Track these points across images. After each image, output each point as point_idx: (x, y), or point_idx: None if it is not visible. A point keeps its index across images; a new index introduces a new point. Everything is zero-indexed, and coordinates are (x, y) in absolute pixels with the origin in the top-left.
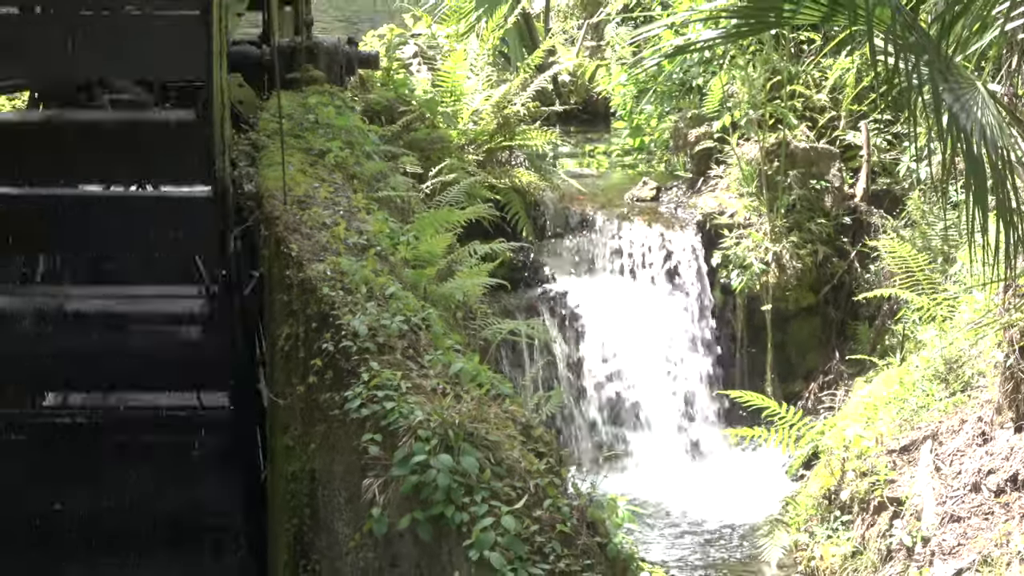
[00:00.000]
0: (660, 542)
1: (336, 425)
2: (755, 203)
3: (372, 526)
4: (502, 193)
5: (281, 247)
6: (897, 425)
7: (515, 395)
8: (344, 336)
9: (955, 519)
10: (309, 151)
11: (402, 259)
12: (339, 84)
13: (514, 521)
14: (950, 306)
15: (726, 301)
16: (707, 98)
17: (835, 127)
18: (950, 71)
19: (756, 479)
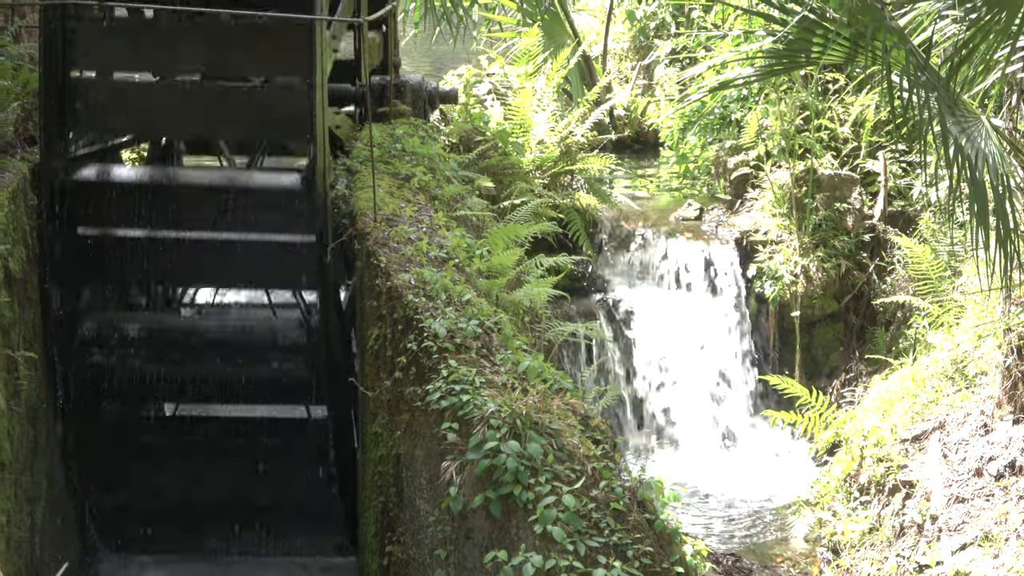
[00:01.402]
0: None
1: (419, 415)
2: (786, 222)
3: (449, 503)
4: (564, 212)
5: (372, 259)
6: (909, 417)
7: (575, 389)
8: (426, 337)
9: (960, 500)
10: (396, 175)
11: (477, 270)
12: (423, 117)
13: (573, 500)
14: (956, 313)
15: (760, 308)
16: (744, 130)
17: (856, 156)
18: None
19: (785, 465)
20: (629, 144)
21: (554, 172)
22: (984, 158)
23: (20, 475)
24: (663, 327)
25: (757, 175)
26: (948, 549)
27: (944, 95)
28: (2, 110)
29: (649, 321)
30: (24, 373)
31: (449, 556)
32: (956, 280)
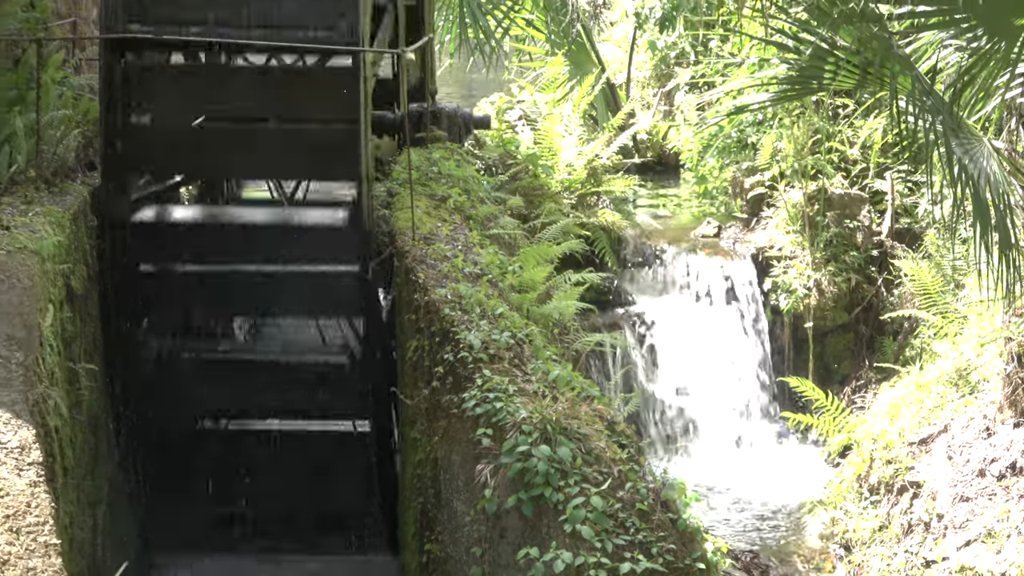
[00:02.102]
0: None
1: (455, 421)
2: (799, 239)
3: (484, 504)
4: (591, 230)
5: (410, 275)
6: (916, 421)
7: (601, 396)
8: (462, 348)
9: (964, 499)
10: (433, 197)
11: (509, 285)
12: (458, 142)
13: (601, 500)
14: (960, 324)
15: (775, 319)
16: (759, 153)
17: (865, 176)
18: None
19: (799, 467)
20: (651, 166)
21: (581, 193)
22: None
23: (82, 480)
24: (684, 337)
25: (772, 194)
26: (953, 545)
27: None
28: (64, 137)
29: (671, 332)
30: (85, 384)
31: (484, 554)
32: (959, 293)
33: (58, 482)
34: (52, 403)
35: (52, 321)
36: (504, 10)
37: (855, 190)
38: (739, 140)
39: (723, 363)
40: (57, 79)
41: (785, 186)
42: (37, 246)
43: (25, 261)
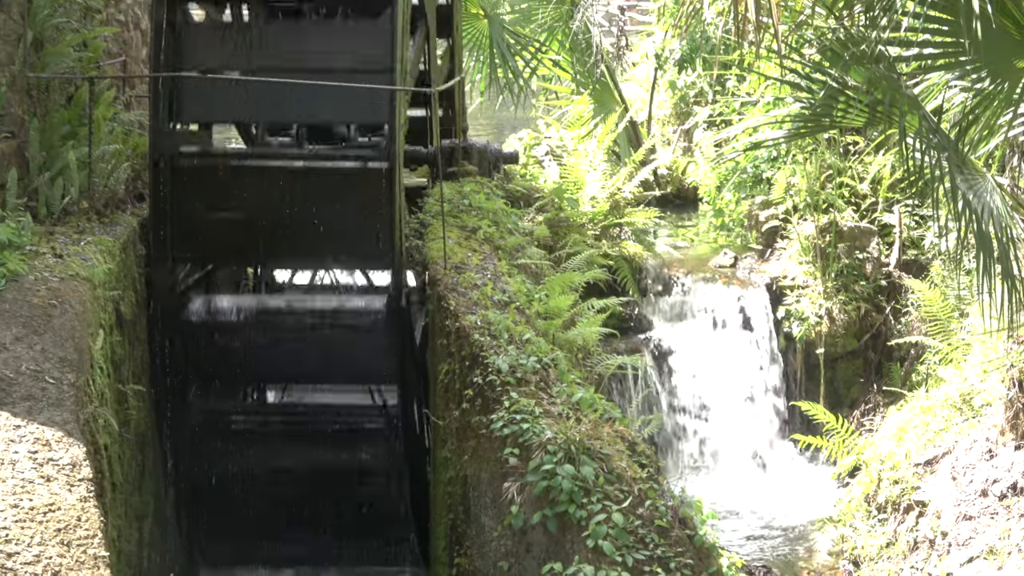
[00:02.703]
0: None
1: (483, 441)
2: (811, 269)
3: (511, 520)
4: (614, 260)
5: (442, 302)
6: (922, 443)
7: (623, 418)
8: (490, 372)
9: (967, 518)
10: (464, 228)
11: (536, 312)
12: (488, 176)
13: (622, 517)
14: (964, 351)
15: (788, 345)
16: (774, 187)
17: (874, 210)
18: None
19: (811, 487)
20: (671, 200)
21: (604, 224)
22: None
23: (130, 495)
24: (701, 362)
25: (785, 227)
26: (957, 562)
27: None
28: (115, 171)
29: (689, 357)
30: (133, 404)
31: (511, 567)
32: (964, 321)
33: (107, 497)
34: (102, 422)
35: (102, 344)
36: (532, 51)
37: (865, 223)
38: (754, 175)
39: (738, 387)
40: (108, 116)
41: (798, 219)
42: (89, 273)
43: (77, 288)
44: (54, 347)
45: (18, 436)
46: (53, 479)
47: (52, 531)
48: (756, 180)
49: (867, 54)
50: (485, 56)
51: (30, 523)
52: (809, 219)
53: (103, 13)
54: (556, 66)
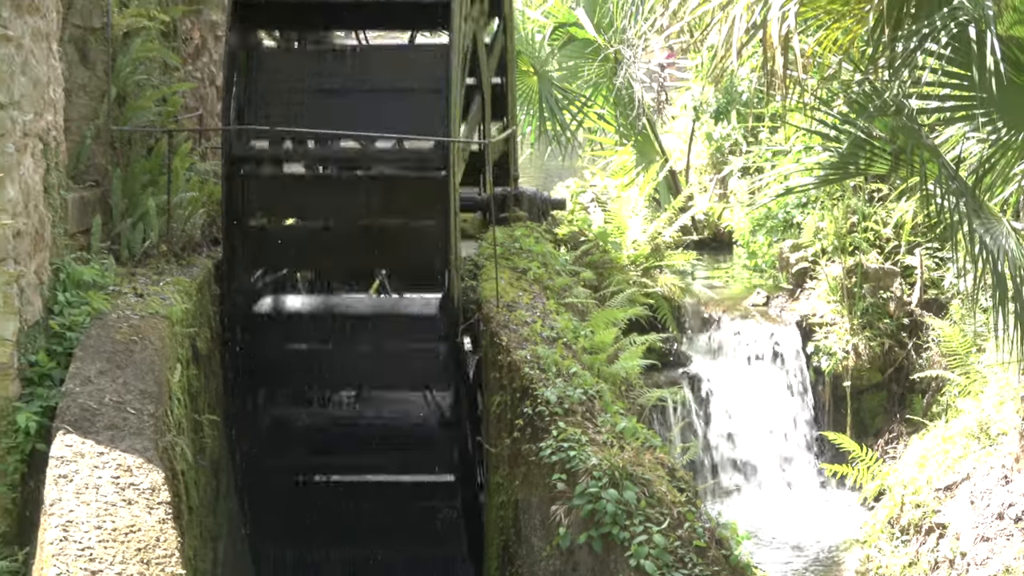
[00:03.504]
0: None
1: (533, 467)
2: (839, 308)
3: (559, 541)
4: (654, 299)
5: (495, 338)
6: (942, 470)
7: (663, 446)
8: (539, 403)
9: (985, 539)
10: (515, 269)
11: (582, 347)
12: (537, 221)
13: (662, 538)
14: (981, 383)
15: (817, 378)
16: (804, 231)
17: (897, 252)
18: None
19: (838, 511)
20: (708, 243)
21: (646, 266)
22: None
23: (205, 517)
24: (736, 394)
25: (814, 268)
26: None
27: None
28: (191, 216)
29: (724, 389)
30: (208, 433)
31: None
32: (981, 356)
33: (183, 519)
34: (179, 450)
35: (180, 377)
36: (578, 105)
37: (888, 265)
38: (785, 220)
39: (771, 417)
40: (186, 165)
41: (826, 261)
42: (167, 311)
43: (156, 325)
44: (135, 380)
45: (102, 462)
46: (134, 502)
47: (133, 550)
48: (787, 224)
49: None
50: (535, 110)
51: (113, 543)
52: (836, 261)
53: (181, 70)
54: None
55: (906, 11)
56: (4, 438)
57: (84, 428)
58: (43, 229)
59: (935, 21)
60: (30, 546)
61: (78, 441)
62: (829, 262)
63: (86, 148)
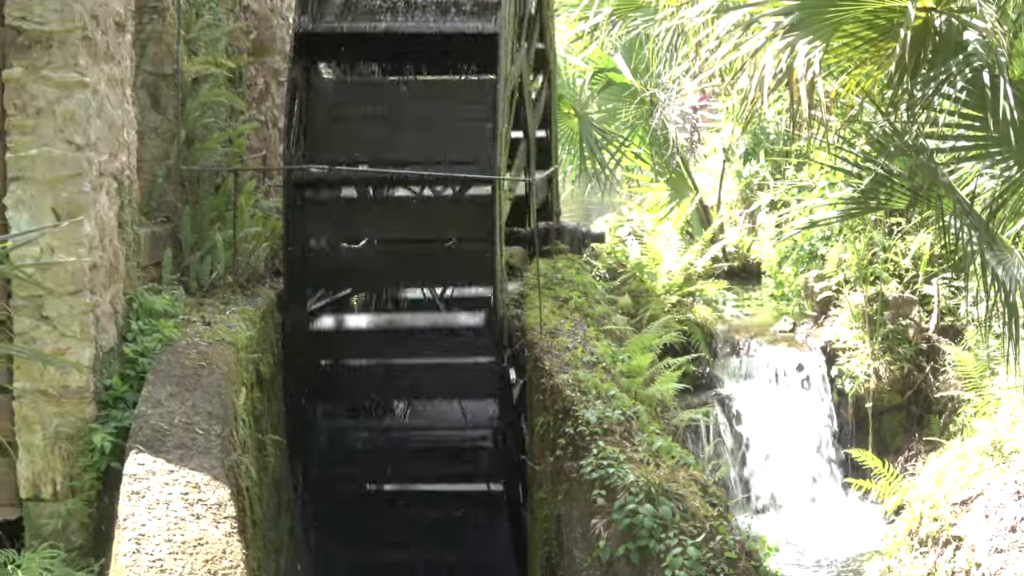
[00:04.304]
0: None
1: (574, 484)
2: (860, 334)
3: (599, 553)
4: (687, 325)
5: (538, 363)
6: (959, 485)
7: (696, 463)
8: (580, 423)
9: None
10: (557, 298)
11: (620, 371)
12: (578, 253)
13: (696, 550)
14: (995, 404)
15: (841, 400)
16: (827, 262)
17: (915, 282)
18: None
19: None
20: (737, 273)
21: (679, 294)
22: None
23: (267, 531)
24: (764, 415)
25: (838, 297)
26: None
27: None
28: (255, 250)
29: (754, 410)
30: (271, 452)
31: None
32: (994, 379)
33: (248, 533)
34: (244, 467)
35: (244, 400)
36: (616, 145)
37: (907, 294)
38: (810, 252)
39: (797, 436)
40: (250, 202)
41: (849, 290)
42: (233, 338)
43: (223, 351)
44: (203, 402)
45: (172, 480)
46: (202, 517)
47: (201, 562)
48: (812, 256)
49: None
50: (576, 150)
51: (182, 555)
52: (858, 290)
53: (246, 113)
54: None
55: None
56: (81, 457)
57: (155, 447)
58: (118, 262)
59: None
60: (105, 558)
61: (150, 460)
62: (852, 291)
63: (158, 186)
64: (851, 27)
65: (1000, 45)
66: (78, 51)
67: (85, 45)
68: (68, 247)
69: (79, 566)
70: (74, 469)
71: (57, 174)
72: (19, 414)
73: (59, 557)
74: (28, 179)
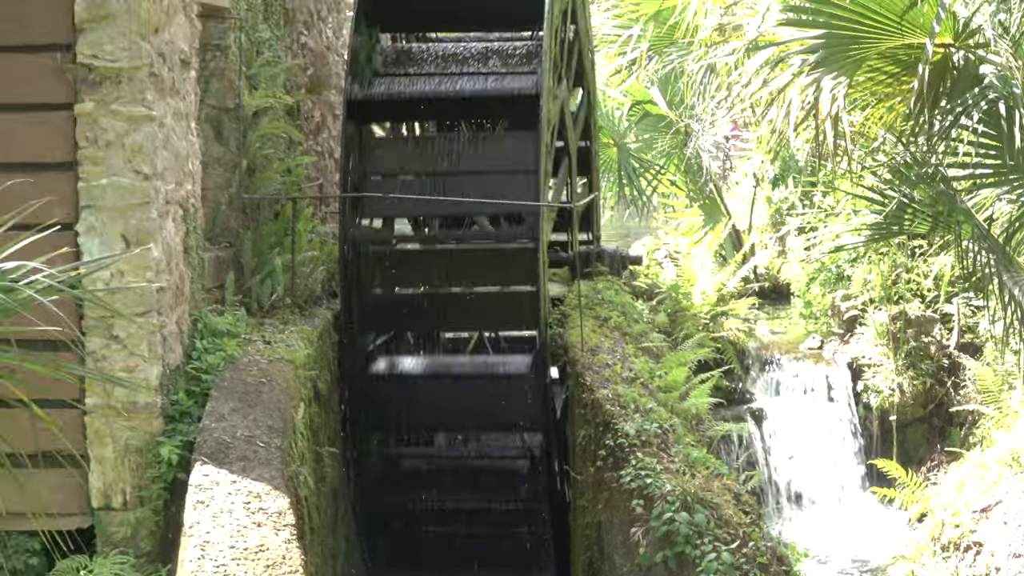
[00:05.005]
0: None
1: (614, 493)
2: (885, 351)
3: (638, 559)
4: (721, 343)
5: (580, 379)
6: (979, 494)
7: (729, 473)
8: (620, 436)
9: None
10: (598, 318)
11: (657, 386)
12: (617, 275)
13: (729, 555)
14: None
15: (866, 414)
16: (853, 283)
17: (937, 301)
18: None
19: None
20: (768, 293)
21: (713, 313)
22: None
23: (325, 538)
24: (794, 428)
25: (863, 316)
26: None
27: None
28: (313, 273)
29: (783, 423)
30: (328, 463)
31: None
32: (1012, 392)
33: (306, 540)
34: (302, 478)
35: (303, 414)
36: (653, 173)
37: (929, 312)
38: (837, 273)
39: (825, 448)
40: (308, 228)
41: (874, 309)
42: (292, 356)
43: (283, 368)
44: (263, 416)
45: (235, 490)
46: (263, 525)
47: (262, 567)
48: (839, 277)
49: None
50: (615, 177)
51: (244, 561)
52: (883, 309)
53: (303, 145)
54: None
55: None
56: (150, 469)
57: (219, 459)
58: (183, 285)
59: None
60: (171, 563)
61: (214, 471)
62: (876, 310)
63: (221, 213)
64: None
65: (1015, 78)
66: (146, 87)
67: (152, 81)
68: (137, 271)
69: (147, 571)
70: (143, 480)
71: (126, 202)
72: (91, 428)
73: (128, 563)
74: (99, 207)
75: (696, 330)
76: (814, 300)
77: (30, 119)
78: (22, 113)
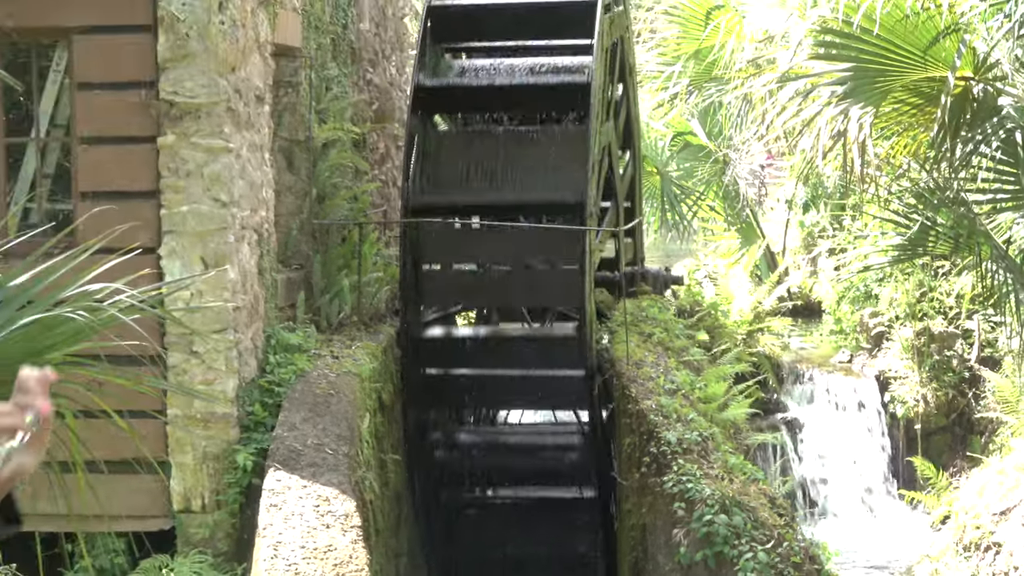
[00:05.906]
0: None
1: (658, 497)
2: (910, 364)
3: (680, 558)
4: (757, 357)
5: (625, 391)
6: (998, 497)
7: (765, 479)
8: (662, 444)
9: None
10: (642, 334)
11: (697, 397)
12: (660, 294)
13: (765, 555)
14: None
15: (892, 423)
16: (880, 301)
17: (959, 318)
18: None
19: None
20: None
21: (749, 330)
22: None
23: (388, 539)
24: (825, 437)
25: (890, 331)
26: None
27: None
28: (378, 293)
29: (815, 432)
30: (391, 469)
31: None
32: None
33: (371, 540)
34: (368, 483)
35: (368, 424)
36: (693, 199)
37: (951, 328)
38: (866, 292)
39: (854, 455)
40: (373, 251)
41: (899, 325)
42: (358, 370)
43: (350, 381)
44: (332, 426)
45: (305, 494)
46: (331, 526)
47: (330, 566)
48: (867, 295)
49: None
50: (658, 203)
51: (314, 560)
52: (908, 325)
53: (369, 174)
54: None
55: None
56: (226, 474)
57: (291, 466)
58: (257, 304)
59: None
60: (247, 562)
61: (286, 476)
62: (902, 326)
63: (292, 238)
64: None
65: None
66: (223, 121)
67: (229, 116)
68: (215, 291)
69: (224, 570)
70: (220, 485)
71: (205, 228)
72: (172, 437)
73: (207, 562)
74: (180, 232)
75: (734, 345)
76: (844, 317)
77: (118, 151)
78: (110, 145)
